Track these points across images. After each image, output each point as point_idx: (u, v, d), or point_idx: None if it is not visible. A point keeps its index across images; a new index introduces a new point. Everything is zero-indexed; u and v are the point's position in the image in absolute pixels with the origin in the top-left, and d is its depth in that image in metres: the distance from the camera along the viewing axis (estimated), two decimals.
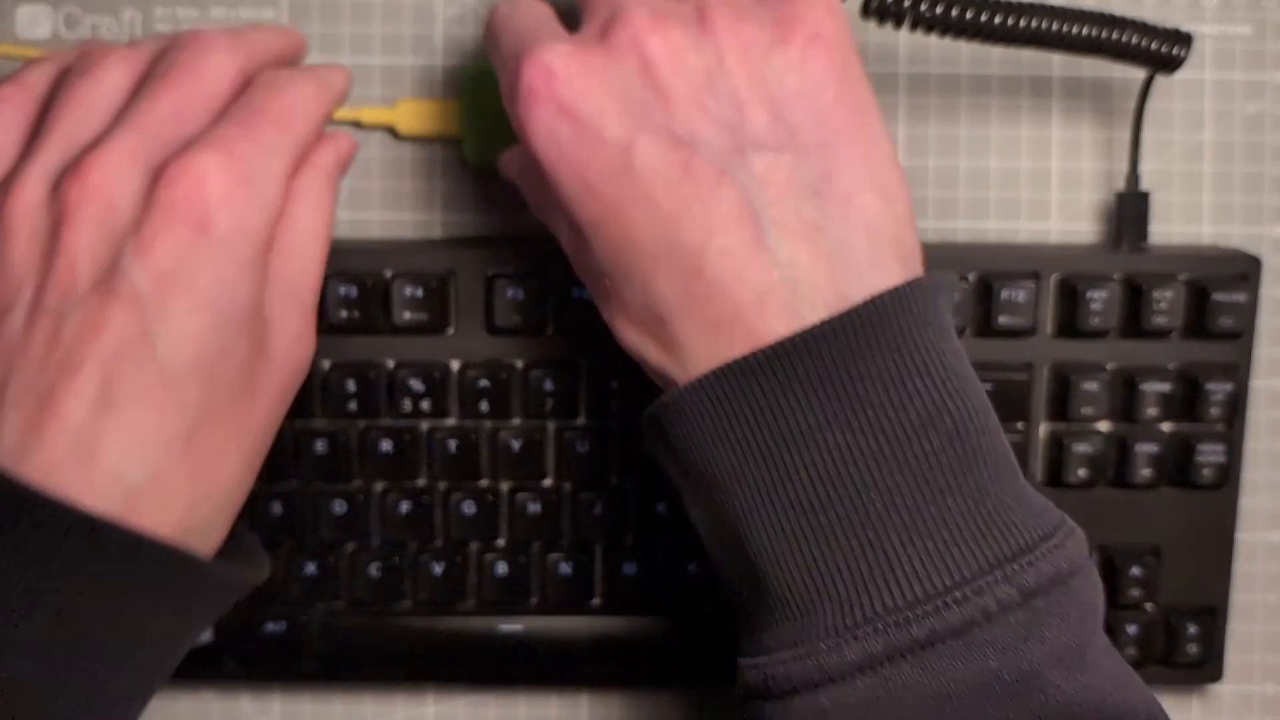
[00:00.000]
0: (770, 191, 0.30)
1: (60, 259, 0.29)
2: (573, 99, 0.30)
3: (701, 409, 0.30)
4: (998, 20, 0.37)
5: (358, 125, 0.43)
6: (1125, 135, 0.43)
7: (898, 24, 0.37)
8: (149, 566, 0.29)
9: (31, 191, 0.30)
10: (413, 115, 0.42)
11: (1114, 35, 0.38)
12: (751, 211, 0.29)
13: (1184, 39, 0.38)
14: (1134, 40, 0.38)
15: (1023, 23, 0.37)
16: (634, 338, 0.32)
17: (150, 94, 0.31)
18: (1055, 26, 0.37)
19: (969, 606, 0.27)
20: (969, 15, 0.37)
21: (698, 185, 0.30)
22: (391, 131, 0.43)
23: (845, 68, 0.32)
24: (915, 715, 0.27)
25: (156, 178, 0.30)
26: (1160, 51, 0.38)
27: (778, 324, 0.29)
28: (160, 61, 0.32)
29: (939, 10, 0.37)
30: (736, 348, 0.29)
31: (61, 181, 0.30)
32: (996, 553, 0.28)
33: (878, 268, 0.30)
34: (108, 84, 0.32)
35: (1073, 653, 0.28)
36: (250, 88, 0.33)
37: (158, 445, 0.29)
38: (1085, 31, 0.37)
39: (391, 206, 0.44)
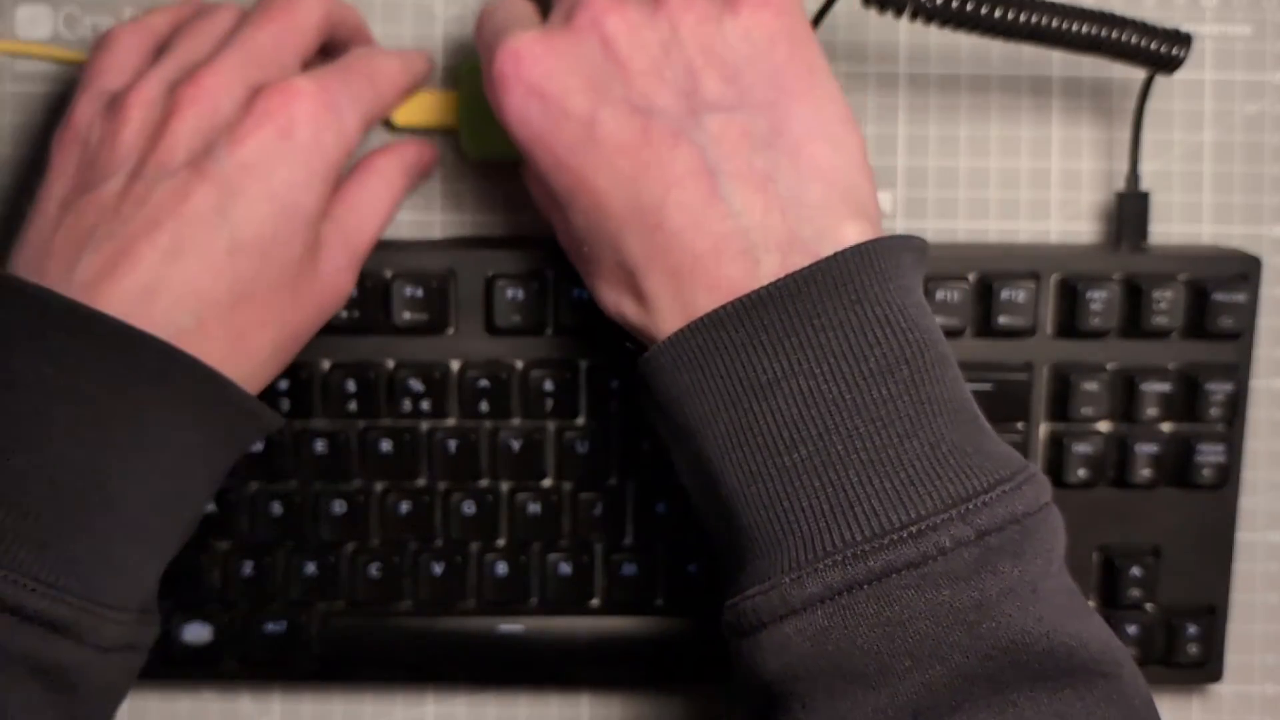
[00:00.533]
0: (724, 147, 0.32)
1: (164, 141, 0.35)
2: (538, 79, 0.33)
3: (677, 362, 0.32)
4: (998, 14, 0.37)
5: None
6: (1125, 135, 0.43)
7: (897, 14, 0.37)
8: (180, 377, 0.33)
9: (150, 90, 0.36)
10: (408, 106, 0.42)
11: (1113, 34, 0.38)
12: (707, 167, 0.32)
13: (1184, 39, 0.38)
14: (1133, 40, 0.38)
15: (1023, 18, 0.37)
16: (612, 297, 0.34)
17: (252, 24, 0.37)
18: (1055, 23, 0.37)
19: (924, 542, 0.29)
20: (969, 7, 0.37)
21: (656, 148, 0.32)
22: (387, 124, 0.43)
23: (793, 31, 0.34)
24: (870, 640, 0.29)
25: (256, 94, 0.35)
26: (1160, 51, 0.38)
27: (734, 269, 0.31)
28: (260, 5, 0.38)
29: (939, 1, 0.37)
30: (699, 295, 0.32)
31: (176, 86, 0.35)
32: (952, 493, 0.29)
33: (829, 211, 0.32)
34: (218, 23, 0.38)
35: (1025, 586, 0.29)
36: (347, 54, 0.39)
37: (209, 301, 0.34)
38: (1085, 30, 0.37)
39: None
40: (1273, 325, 0.44)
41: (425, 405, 0.41)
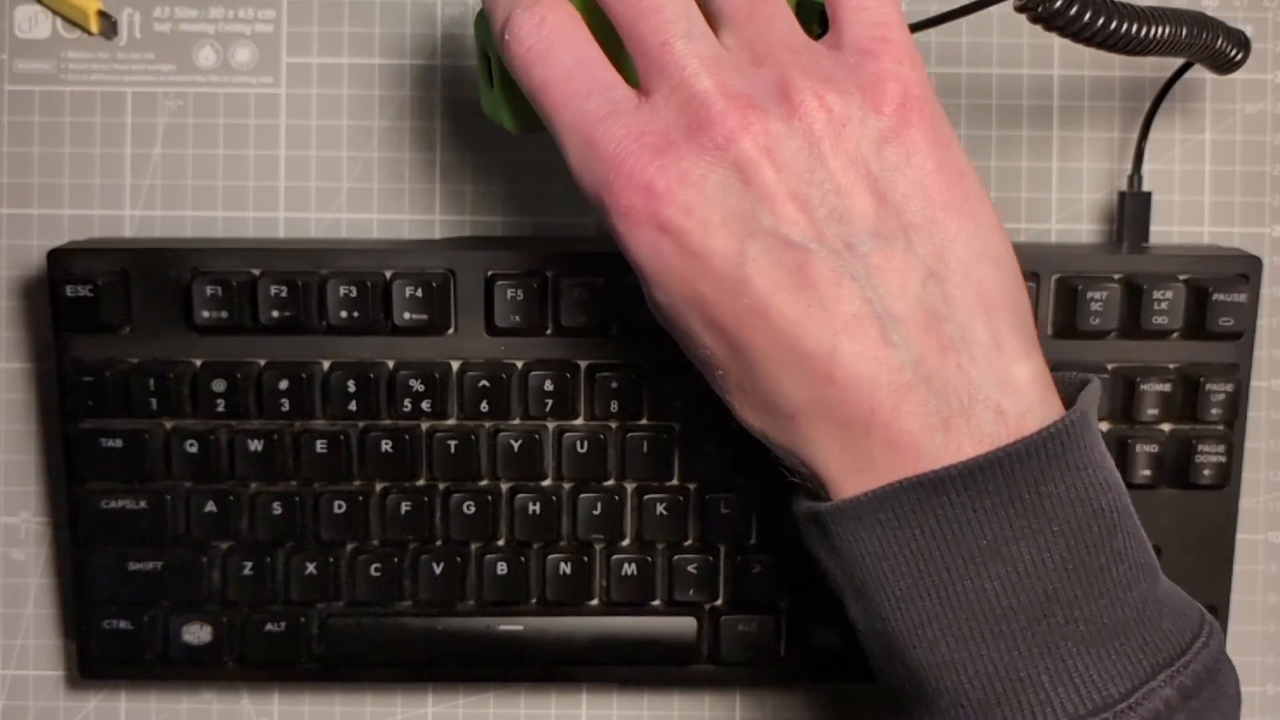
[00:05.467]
0: (887, 284, 0.29)
1: None
2: (674, 216, 0.30)
3: (880, 519, 0.30)
4: (1126, 30, 0.36)
5: None
6: (1125, 135, 0.43)
7: (1046, 25, 0.35)
8: None
9: None
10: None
11: (1204, 37, 0.37)
12: (873, 310, 0.29)
13: (1245, 43, 0.38)
14: (1218, 44, 0.37)
15: (1142, 31, 0.36)
16: (756, 424, 0.32)
17: None
18: (1159, 32, 0.36)
19: (1142, 711, 0.28)
20: (1104, 25, 0.35)
21: (816, 289, 0.29)
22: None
23: (937, 129, 0.31)
24: None
25: None
26: (1230, 53, 0.38)
27: (914, 423, 0.29)
28: None
29: (1072, 12, 0.35)
30: (875, 449, 0.30)
31: None
32: (1158, 659, 0.29)
33: (1002, 350, 0.30)
34: None
35: None
36: None
37: None
38: (1183, 34, 0.36)
39: (391, 207, 0.43)
40: (1273, 325, 0.44)
41: (425, 405, 0.41)
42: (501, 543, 0.42)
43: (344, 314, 0.40)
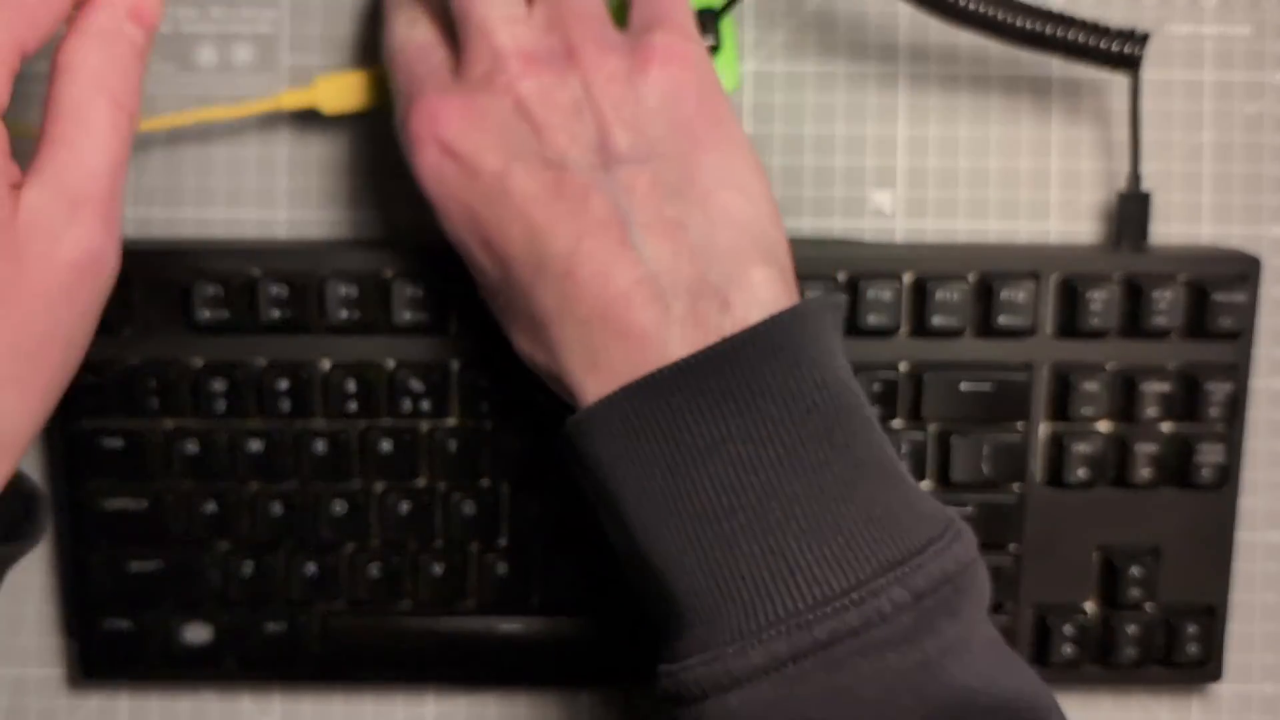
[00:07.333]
0: (635, 196, 0.33)
1: None
2: (453, 139, 0.34)
3: (609, 426, 0.31)
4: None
5: (278, 111, 0.42)
6: (1125, 135, 0.43)
7: None
8: None
9: None
10: (335, 92, 0.41)
11: (1062, 32, 0.38)
12: (618, 216, 0.32)
13: (1139, 39, 0.38)
14: (1083, 39, 0.38)
15: (974, 6, 0.38)
16: (525, 347, 0.35)
17: None
18: (1005, 17, 0.38)
19: (866, 608, 0.29)
20: None
21: (568, 199, 0.32)
22: (315, 114, 0.42)
23: (702, 84, 0.34)
24: (819, 709, 0.29)
25: None
26: (1112, 50, 0.38)
27: (644, 315, 0.31)
28: None
29: None
30: (610, 342, 0.32)
31: None
32: (888, 557, 0.29)
33: (738, 256, 0.32)
34: None
35: (962, 644, 0.29)
36: None
37: None
38: (1034, 26, 0.38)
39: (391, 206, 0.44)
40: (1273, 325, 0.44)
41: (425, 405, 0.41)
42: (502, 543, 0.42)
43: (344, 314, 0.40)
